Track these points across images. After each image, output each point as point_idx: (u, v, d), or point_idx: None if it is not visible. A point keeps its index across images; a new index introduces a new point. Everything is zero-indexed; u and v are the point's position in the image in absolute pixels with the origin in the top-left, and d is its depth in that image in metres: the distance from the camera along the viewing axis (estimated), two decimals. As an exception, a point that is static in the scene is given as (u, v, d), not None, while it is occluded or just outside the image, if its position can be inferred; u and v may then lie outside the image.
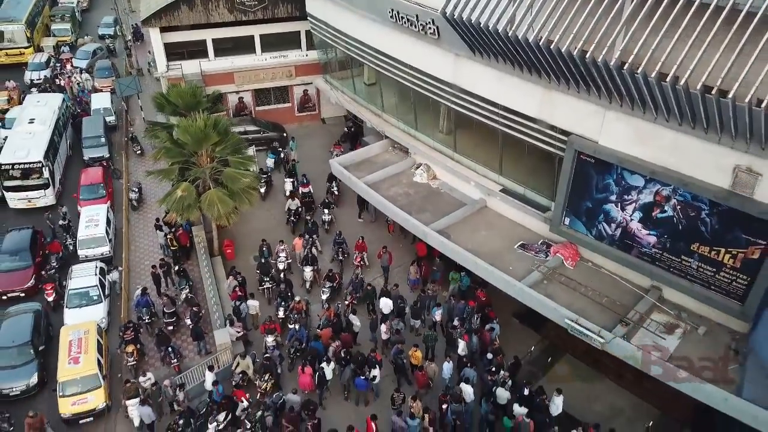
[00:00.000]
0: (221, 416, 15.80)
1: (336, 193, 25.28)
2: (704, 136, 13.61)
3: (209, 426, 15.57)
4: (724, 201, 13.87)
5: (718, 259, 14.67)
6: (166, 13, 27.02)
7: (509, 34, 15.37)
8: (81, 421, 16.66)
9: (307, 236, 22.62)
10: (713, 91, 12.05)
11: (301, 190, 25.13)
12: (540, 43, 14.73)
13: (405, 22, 19.19)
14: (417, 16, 18.48)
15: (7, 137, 27.49)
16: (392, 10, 19.37)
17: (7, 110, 31.09)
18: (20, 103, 31.82)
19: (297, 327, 18.42)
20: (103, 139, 28.44)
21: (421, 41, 19.26)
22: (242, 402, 16.37)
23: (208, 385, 16.68)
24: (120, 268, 21.19)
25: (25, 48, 37.76)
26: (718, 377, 14.04)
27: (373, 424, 15.25)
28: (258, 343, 18.81)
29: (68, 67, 36.24)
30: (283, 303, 19.50)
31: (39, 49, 38.43)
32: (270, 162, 27.08)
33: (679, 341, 15.23)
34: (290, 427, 15.42)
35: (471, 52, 17.66)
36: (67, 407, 16.47)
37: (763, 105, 11.66)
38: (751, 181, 13.37)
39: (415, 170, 22.12)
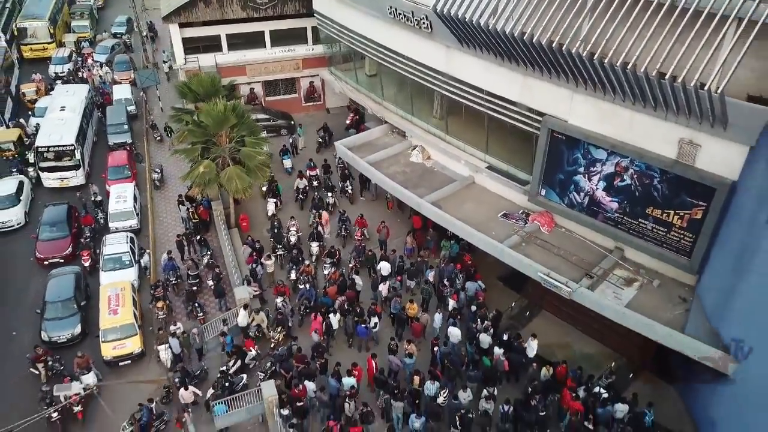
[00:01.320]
0: (231, 362, 18.24)
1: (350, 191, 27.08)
2: (654, 114, 16.08)
3: (220, 368, 18.07)
4: (672, 169, 16.35)
5: (668, 220, 17.15)
6: (184, 10, 29.52)
7: (491, 28, 17.89)
8: (120, 364, 19.24)
9: (313, 211, 25.16)
10: (666, 77, 14.52)
11: (308, 173, 27.57)
12: (516, 35, 17.25)
13: (402, 18, 21.70)
14: (412, 12, 20.98)
15: (38, 124, 30.20)
16: (391, 7, 21.88)
17: (36, 100, 33.67)
18: (47, 94, 34.42)
19: (307, 287, 20.91)
20: (125, 126, 31.00)
21: (417, 35, 21.76)
22: (251, 351, 18.77)
23: (242, 321, 19.31)
24: (149, 251, 23.49)
25: (48, 43, 40.22)
26: (664, 319, 16.52)
27: (373, 362, 17.81)
28: (272, 303, 21.30)
29: (89, 61, 38.73)
30: (294, 267, 22.04)
31: (61, 45, 40.92)
32: (288, 163, 28.63)
33: (636, 292, 17.74)
34: (300, 365, 17.94)
35: (460, 44, 20.17)
36: (108, 351, 19.06)
37: (705, 88, 14.05)
38: (693, 152, 15.85)
39: (411, 151, 24.64)
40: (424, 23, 20.85)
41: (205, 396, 17.72)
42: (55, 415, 17.12)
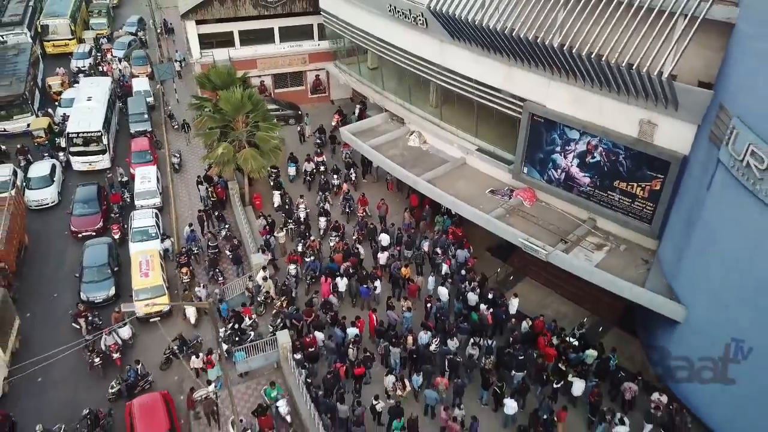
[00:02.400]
0: (229, 325, 20.59)
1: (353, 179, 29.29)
2: (618, 98, 18.54)
3: (219, 330, 20.35)
4: (634, 146, 18.83)
5: (632, 191, 19.63)
6: (201, 8, 32.07)
7: (479, 23, 20.38)
8: (150, 320, 21.78)
9: (320, 193, 27.64)
10: (623, 64, 16.97)
11: (315, 159, 30.01)
12: (500, 29, 19.75)
13: (400, 15, 24.20)
14: (409, 10, 23.48)
15: (65, 113, 32.79)
16: (390, 5, 24.38)
17: (61, 92, 36.24)
18: (70, 86, 36.99)
19: (312, 259, 23.39)
20: (146, 116, 33.55)
21: (413, 30, 24.25)
22: (247, 318, 20.97)
23: (260, 280, 22.00)
24: (172, 239, 25.48)
25: (69, 40, 42.74)
26: (628, 278, 18.96)
27: (373, 316, 20.36)
28: (283, 270, 23.80)
29: (108, 56, 41.25)
30: (302, 240, 24.55)
31: (81, 41, 43.44)
32: (292, 171, 29.61)
33: (605, 255, 20.23)
34: (309, 318, 20.47)
35: (451, 38, 22.67)
36: (141, 309, 21.55)
37: (663, 76, 16.49)
38: (651, 131, 18.32)
39: (409, 136, 27.15)
40: (420, 20, 23.35)
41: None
42: (97, 360, 19.73)
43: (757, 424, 15.92)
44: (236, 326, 20.63)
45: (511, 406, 17.52)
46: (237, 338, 20.35)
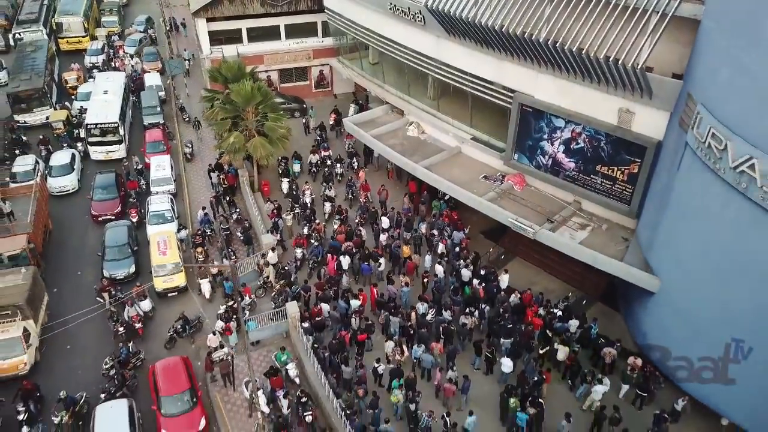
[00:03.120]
0: (229, 303, 22.18)
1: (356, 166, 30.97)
2: (599, 89, 20.24)
3: (220, 307, 22.07)
4: (614, 133, 20.54)
5: (613, 175, 21.35)
6: (211, 6, 33.80)
7: (472, 20, 22.09)
8: (168, 294, 23.55)
9: (324, 183, 29.33)
10: (610, 60, 18.66)
11: (322, 153, 31.61)
12: (492, 26, 21.46)
13: (400, 13, 25.92)
14: (408, 8, 25.19)
15: (81, 106, 34.56)
16: (391, 3, 26.10)
17: (77, 87, 38.02)
18: (85, 81, 38.76)
19: (316, 244, 25.04)
20: (158, 109, 35.29)
21: (412, 27, 25.97)
22: (246, 297, 22.57)
23: (273, 260, 23.58)
24: (188, 230, 27.00)
25: (83, 37, 44.52)
26: (609, 253, 20.67)
27: (374, 289, 22.11)
28: (290, 252, 25.53)
29: (121, 52, 43.02)
30: (307, 224, 26.27)
31: (94, 38, 45.20)
32: (297, 168, 30.64)
33: (588, 234, 21.95)
34: (320, 292, 22.21)
35: (447, 34, 24.40)
36: (159, 284, 23.38)
37: (637, 68, 18.18)
38: (629, 118, 20.03)
39: (408, 126, 28.87)
40: (418, 17, 25.06)
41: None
42: (121, 329, 21.51)
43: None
44: (235, 304, 22.17)
45: (507, 364, 19.42)
46: (234, 316, 21.74)
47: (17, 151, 31.14)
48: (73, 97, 37.31)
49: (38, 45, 39.22)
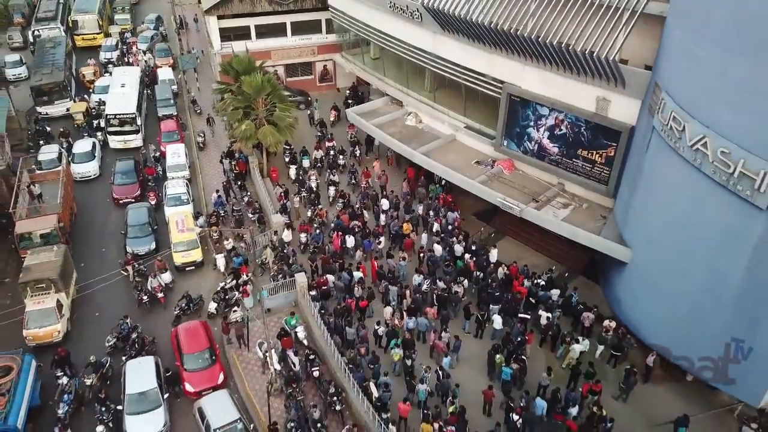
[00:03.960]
0: (229, 279, 24.27)
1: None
2: (579, 79, 22.33)
3: (219, 284, 24.02)
4: (592, 119, 22.64)
5: (592, 158, 23.45)
6: (222, 5, 35.96)
7: (465, 17, 24.20)
8: (186, 269, 25.72)
9: (329, 170, 31.46)
10: (586, 52, 20.75)
11: (326, 144, 33.67)
12: (483, 22, 23.56)
13: (399, 11, 28.03)
14: (407, 6, 27.30)
15: (100, 99, 36.74)
16: (391, 2, 28.21)
17: (93, 81, 40.18)
18: (102, 75, 40.93)
19: (317, 231, 27.01)
20: (171, 101, 37.48)
21: (411, 24, 28.07)
22: (244, 275, 24.52)
23: (287, 237, 25.82)
24: (204, 216, 28.72)
25: (97, 34, 46.70)
26: (588, 229, 22.77)
27: (375, 262, 24.27)
28: (296, 235, 27.62)
29: (134, 48, 45.15)
30: (312, 207, 28.39)
31: (107, 35, 47.36)
32: (306, 163, 32.19)
33: (570, 212, 24.06)
34: (327, 265, 24.36)
35: (442, 30, 26.50)
36: (179, 259, 25.58)
37: (610, 60, 20.26)
38: (606, 106, 22.13)
39: (406, 116, 31.00)
40: (415, 14, 27.17)
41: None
42: (145, 298, 23.69)
43: (679, 337, 19.69)
44: (234, 281, 24.17)
45: (497, 321, 21.72)
46: (226, 296, 23.74)
47: (41, 142, 33.30)
48: (90, 90, 39.47)
49: (57, 41, 41.39)
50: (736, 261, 16.86)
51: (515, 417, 18.36)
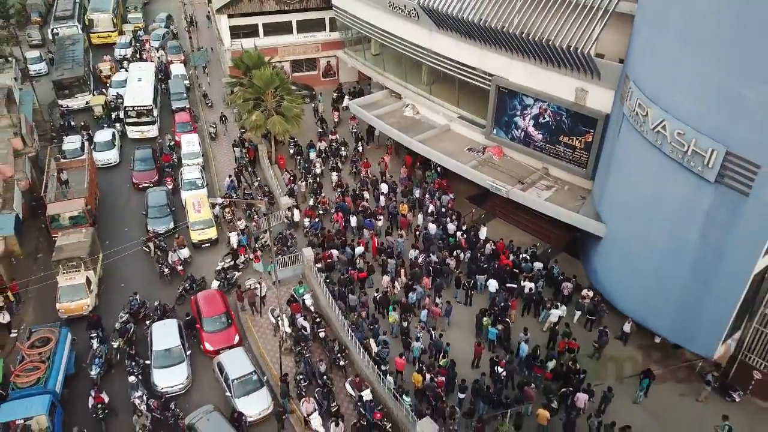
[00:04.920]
0: (228, 259, 26.48)
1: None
2: (560, 71, 24.67)
3: (218, 264, 26.28)
4: (572, 108, 24.98)
5: (573, 144, 25.80)
6: (232, 4, 38.37)
7: (457, 15, 26.55)
8: (203, 245, 28.16)
9: (332, 158, 33.85)
10: (565, 47, 23.08)
11: (330, 137, 36.00)
12: (474, 20, 25.92)
13: (398, 10, 30.39)
14: (405, 5, 29.67)
15: (117, 92, 39.18)
16: (390, 1, 30.59)
17: (110, 76, 42.61)
18: (117, 71, 43.35)
19: (317, 220, 29.16)
20: (184, 95, 39.93)
21: (409, 22, 30.42)
22: (241, 256, 26.86)
23: (296, 217, 28.32)
24: (222, 200, 31.52)
25: (111, 32, 49.14)
26: (569, 208, 25.12)
27: (375, 239, 26.66)
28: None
29: (147, 45, 47.59)
30: (314, 195, 30.74)
31: (121, 33, 49.80)
32: (313, 155, 34.29)
33: (552, 193, 26.41)
34: (332, 241, 26.74)
35: (437, 27, 28.86)
36: (196, 237, 28.02)
37: (585, 53, 22.59)
38: (584, 96, 24.47)
39: (405, 108, 33.38)
40: (413, 13, 29.54)
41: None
42: (166, 270, 26.11)
43: (647, 301, 22.05)
44: (232, 261, 26.45)
45: (493, 284, 24.16)
46: (227, 275, 25.98)
47: (65, 134, 35.67)
48: (107, 84, 41.90)
49: (75, 39, 43.87)
50: (692, 228, 19.21)
51: (500, 369, 20.73)
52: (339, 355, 21.72)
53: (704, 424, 19.79)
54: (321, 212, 29.49)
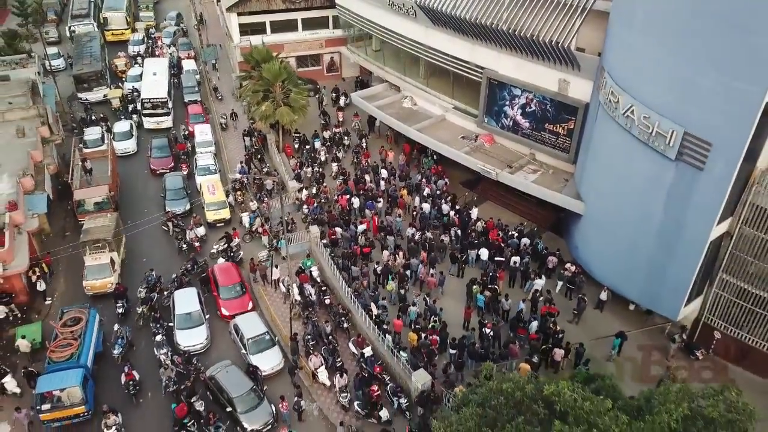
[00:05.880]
0: (222, 243, 28.80)
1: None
2: (545, 64, 27.05)
3: (213, 247, 28.62)
4: (556, 98, 27.36)
5: (556, 130, 28.20)
6: (241, 3, 40.80)
7: (451, 13, 28.96)
8: (217, 225, 30.60)
9: (335, 147, 36.28)
10: (548, 42, 25.46)
11: (334, 130, 38.41)
12: (466, 17, 28.32)
13: (397, 8, 32.80)
14: (403, 3, 32.09)
15: (132, 86, 41.67)
16: (390, 0, 33.00)
17: (125, 71, 45.08)
18: (132, 66, 45.82)
19: (315, 206, 31.37)
20: (196, 88, 42.41)
21: (407, 19, 32.81)
22: (236, 239, 29.20)
23: (304, 197, 30.77)
24: (239, 177, 34.18)
25: (125, 29, 51.64)
26: (553, 189, 27.51)
27: (376, 218, 29.11)
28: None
29: (159, 42, 50.05)
30: (317, 183, 33.15)
31: (134, 31, 52.27)
32: (318, 144, 37.39)
33: (538, 176, 28.81)
34: (336, 221, 29.17)
35: (433, 24, 31.27)
36: (211, 217, 30.49)
37: (566, 47, 24.97)
38: (566, 86, 26.86)
39: (403, 100, 35.80)
40: (410, 11, 31.94)
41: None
42: (185, 246, 28.57)
43: (620, 270, 24.45)
44: (227, 244, 28.62)
45: (485, 253, 26.64)
46: (231, 252, 28.24)
47: (85, 126, 38.08)
48: (122, 79, 44.38)
49: (92, 36, 46.36)
50: (656, 202, 21.59)
51: (487, 330, 23.16)
52: (342, 318, 24.16)
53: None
54: (322, 201, 31.75)
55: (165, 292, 26.05)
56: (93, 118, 39.04)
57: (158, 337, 23.27)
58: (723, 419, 12.55)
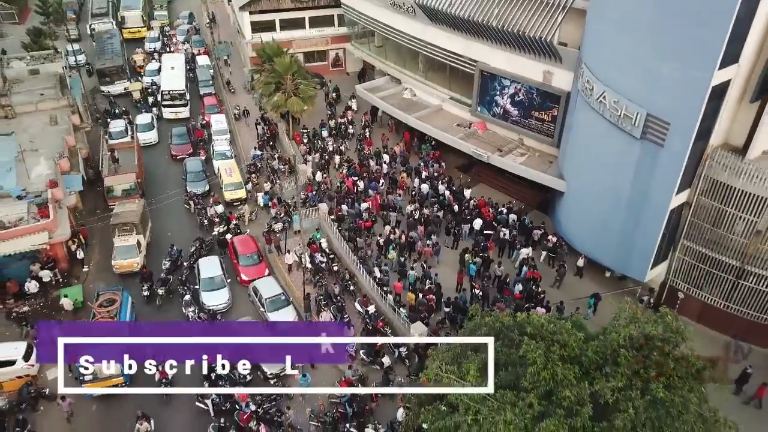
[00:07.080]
0: (222, 227, 31.69)
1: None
2: (532, 57, 30.04)
3: (214, 230, 31.29)
4: (541, 88, 30.35)
5: (542, 117, 31.21)
6: (253, 2, 43.88)
7: (447, 11, 31.97)
8: (235, 204, 33.64)
9: (340, 138, 39.30)
10: (537, 37, 28.45)
11: (339, 120, 41.41)
12: (461, 15, 31.34)
13: (398, 7, 35.82)
14: (403, 2, 35.11)
15: (152, 80, 44.74)
16: (391, 0, 36.04)
17: (143, 66, 48.15)
18: (149, 62, 48.88)
19: (314, 193, 34.33)
20: (210, 82, 45.48)
21: (407, 17, 35.82)
22: (234, 222, 32.07)
23: (318, 178, 33.75)
24: (259, 153, 37.15)
25: (141, 28, 54.74)
26: (538, 170, 30.51)
27: (378, 197, 32.15)
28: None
29: (174, 39, 53.13)
30: (321, 171, 36.10)
31: (150, 28, 55.35)
32: (325, 133, 40.66)
33: (525, 159, 31.82)
34: (342, 199, 32.21)
35: (431, 21, 34.28)
36: (229, 196, 33.56)
37: (549, 41, 27.96)
38: (550, 77, 29.85)
39: (404, 91, 38.81)
40: (410, 10, 34.97)
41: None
42: (205, 221, 31.64)
43: (595, 240, 27.46)
44: (225, 228, 31.32)
45: (478, 222, 29.75)
46: (238, 230, 31.19)
47: (109, 118, 41.11)
48: (141, 73, 47.45)
49: (112, 33, 49.46)
50: (625, 176, 24.57)
51: (476, 291, 26.19)
52: (349, 281, 27.18)
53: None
54: (321, 189, 34.40)
55: (185, 264, 29.04)
56: (117, 111, 42.05)
57: (186, 297, 26.30)
58: (660, 337, 15.53)
